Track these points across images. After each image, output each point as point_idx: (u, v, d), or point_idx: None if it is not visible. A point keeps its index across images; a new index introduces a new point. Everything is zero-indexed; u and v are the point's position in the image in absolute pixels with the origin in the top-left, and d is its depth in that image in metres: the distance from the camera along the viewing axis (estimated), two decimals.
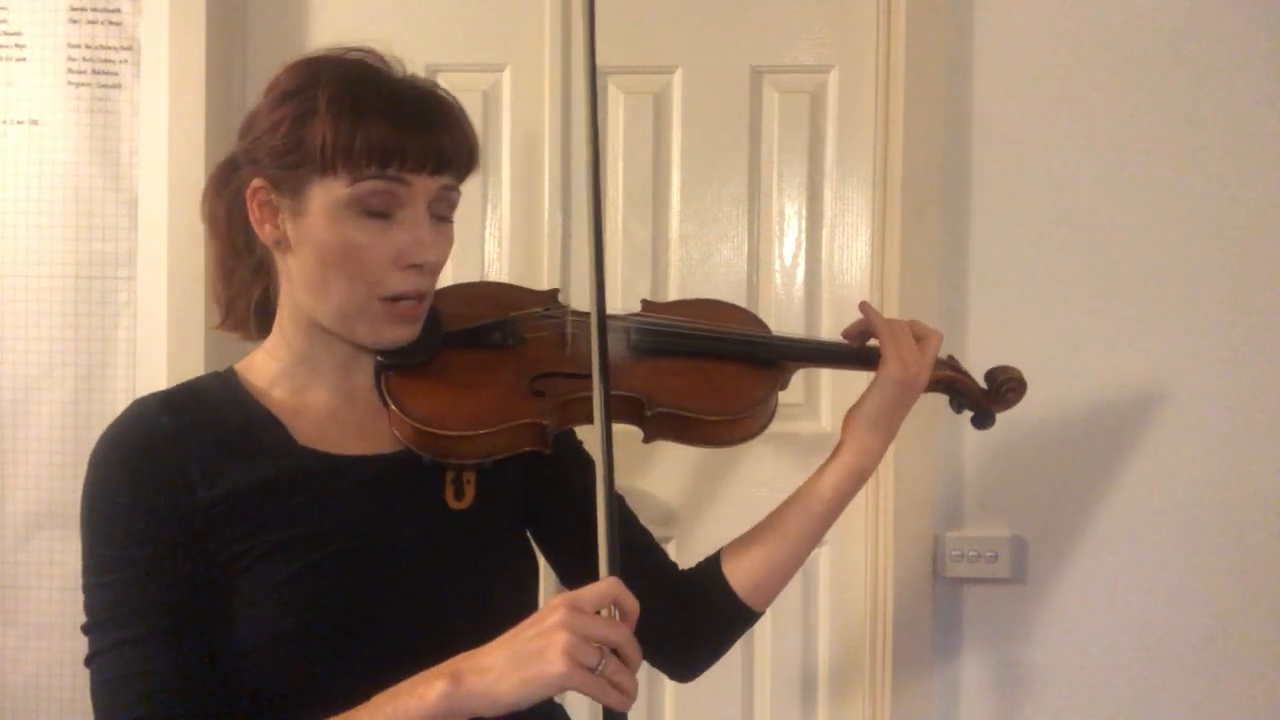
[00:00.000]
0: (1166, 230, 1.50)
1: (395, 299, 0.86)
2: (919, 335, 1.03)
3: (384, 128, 0.82)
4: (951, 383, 1.10)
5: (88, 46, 1.53)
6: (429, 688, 0.73)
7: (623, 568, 0.84)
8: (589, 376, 0.85)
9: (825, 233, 1.60)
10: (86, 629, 0.82)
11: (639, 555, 1.02)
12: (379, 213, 0.84)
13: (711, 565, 1.02)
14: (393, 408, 0.89)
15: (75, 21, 1.53)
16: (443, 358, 0.93)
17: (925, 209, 1.50)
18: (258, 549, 0.83)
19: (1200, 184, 1.50)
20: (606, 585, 0.76)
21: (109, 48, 1.53)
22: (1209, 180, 1.50)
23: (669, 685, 1.59)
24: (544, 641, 0.72)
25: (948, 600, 1.54)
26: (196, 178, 1.52)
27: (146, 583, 0.80)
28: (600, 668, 0.72)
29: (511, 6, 1.59)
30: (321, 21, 1.61)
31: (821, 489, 1.00)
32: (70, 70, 1.53)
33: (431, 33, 1.59)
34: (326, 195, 0.83)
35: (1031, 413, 1.49)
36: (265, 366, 0.92)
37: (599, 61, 1.56)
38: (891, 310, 1.50)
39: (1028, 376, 1.10)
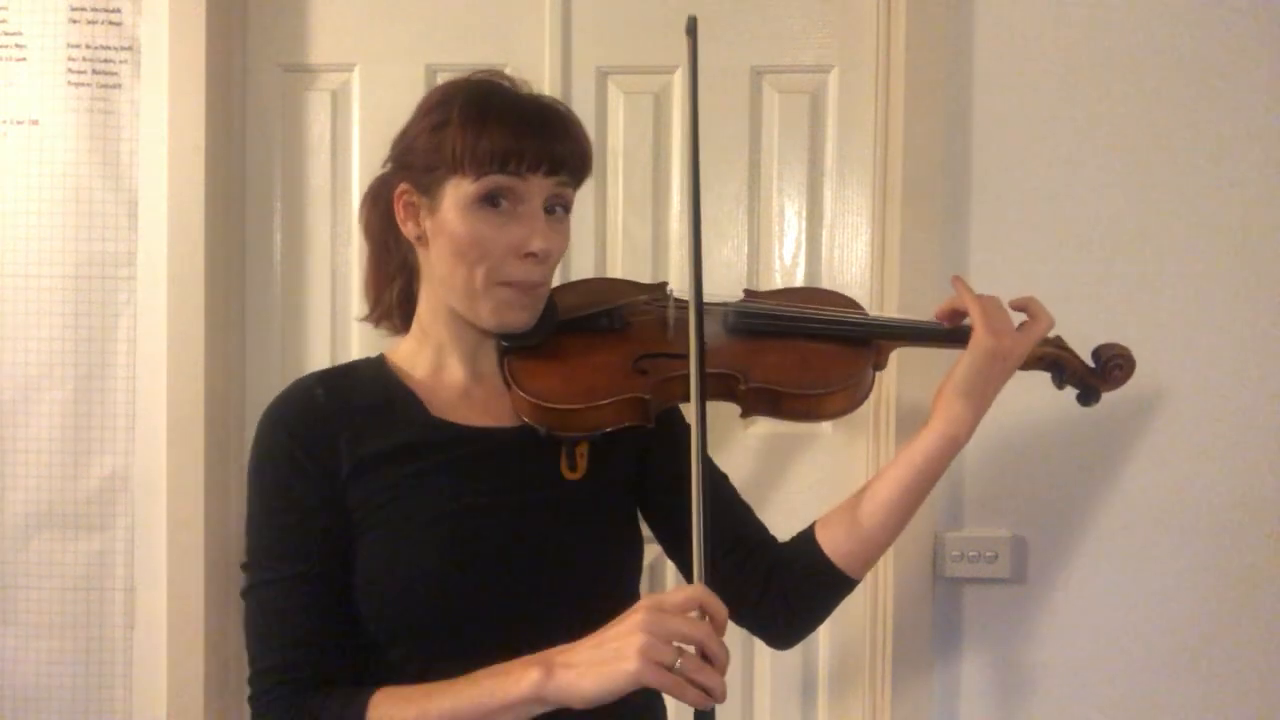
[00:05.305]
0: (1166, 230, 1.50)
1: (514, 284, 0.97)
2: (1031, 314, 1.05)
3: (505, 135, 0.93)
4: (1056, 360, 1.10)
5: (88, 46, 1.53)
6: (524, 675, 0.82)
7: (723, 541, 0.97)
8: (688, 357, 0.94)
9: (825, 233, 1.60)
10: (243, 566, 0.96)
11: (738, 528, 1.08)
12: (500, 207, 0.95)
13: (806, 535, 1.06)
14: (513, 386, 1.00)
15: (75, 21, 1.53)
16: (557, 342, 1.03)
17: (925, 209, 1.50)
18: (392, 504, 0.94)
19: (1200, 183, 1.50)
20: (692, 590, 0.82)
21: (109, 48, 1.53)
22: (1209, 180, 1.50)
23: None
24: (622, 642, 0.79)
25: (948, 600, 1.54)
26: (196, 178, 1.53)
27: (294, 531, 0.94)
28: (678, 666, 0.77)
29: (510, 6, 1.59)
30: (321, 22, 1.61)
31: (914, 457, 1.02)
32: (70, 70, 1.53)
33: (431, 33, 1.59)
34: (456, 192, 0.95)
35: (1031, 413, 1.50)
36: (407, 351, 1.06)
37: (599, 62, 1.59)
38: (891, 309, 1.50)
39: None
